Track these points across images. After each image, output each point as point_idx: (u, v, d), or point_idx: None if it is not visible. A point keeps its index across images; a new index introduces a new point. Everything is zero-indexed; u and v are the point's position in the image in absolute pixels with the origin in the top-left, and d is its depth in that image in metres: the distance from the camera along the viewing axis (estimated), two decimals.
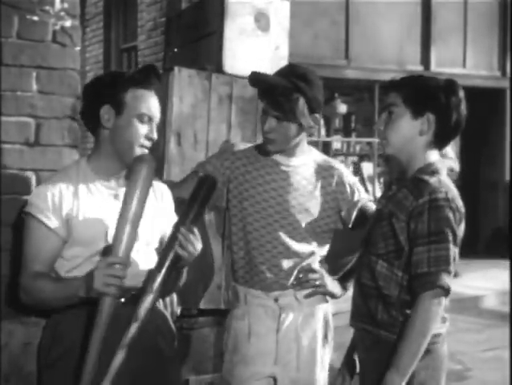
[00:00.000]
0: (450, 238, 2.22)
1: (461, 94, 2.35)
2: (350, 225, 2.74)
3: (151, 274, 2.21)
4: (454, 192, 2.29)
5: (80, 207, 2.28)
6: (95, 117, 2.32)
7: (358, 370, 2.50)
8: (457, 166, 8.29)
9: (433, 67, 9.42)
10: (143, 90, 2.32)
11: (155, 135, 2.34)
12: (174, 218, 2.50)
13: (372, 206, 2.73)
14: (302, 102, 2.54)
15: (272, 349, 2.61)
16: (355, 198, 2.73)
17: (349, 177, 2.76)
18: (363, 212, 2.72)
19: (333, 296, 2.71)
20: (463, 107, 2.35)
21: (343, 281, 2.74)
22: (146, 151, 2.33)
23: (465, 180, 9.22)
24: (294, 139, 2.61)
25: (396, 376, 2.20)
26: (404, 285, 2.28)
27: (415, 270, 2.23)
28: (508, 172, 10.03)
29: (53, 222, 2.26)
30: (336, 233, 2.77)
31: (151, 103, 2.33)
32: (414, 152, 2.35)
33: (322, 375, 2.70)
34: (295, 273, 2.63)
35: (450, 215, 2.23)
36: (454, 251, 2.24)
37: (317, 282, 2.64)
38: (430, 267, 2.20)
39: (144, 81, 2.33)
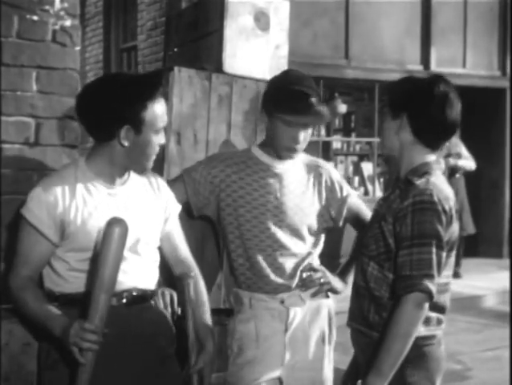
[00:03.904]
0: (433, 242, 2.20)
1: (438, 93, 2.31)
2: (340, 223, 2.78)
3: None
4: (445, 193, 2.27)
5: (77, 211, 2.26)
6: (110, 133, 2.25)
7: None
8: (472, 164, 8.34)
9: (433, 67, 9.41)
10: (158, 100, 2.28)
11: (164, 140, 2.36)
12: (175, 208, 2.51)
13: (360, 202, 2.81)
14: (321, 103, 2.60)
15: (280, 350, 2.62)
16: (344, 195, 2.77)
17: (336, 175, 2.81)
18: (351, 209, 2.78)
19: (336, 292, 2.73)
20: (441, 106, 2.31)
21: (342, 276, 2.77)
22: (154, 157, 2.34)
23: (465, 180, 9.21)
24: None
25: (377, 379, 2.19)
26: None
27: (398, 273, 2.23)
28: (508, 171, 10.02)
29: (46, 228, 2.25)
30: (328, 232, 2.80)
31: (164, 113, 2.31)
32: (401, 152, 2.38)
33: (329, 371, 2.74)
34: (298, 273, 2.65)
35: (434, 218, 2.20)
36: (439, 255, 2.21)
37: (321, 281, 2.66)
38: (412, 270, 2.19)
39: (157, 92, 2.29)
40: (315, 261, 2.73)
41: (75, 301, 2.25)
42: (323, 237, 2.77)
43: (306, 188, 2.71)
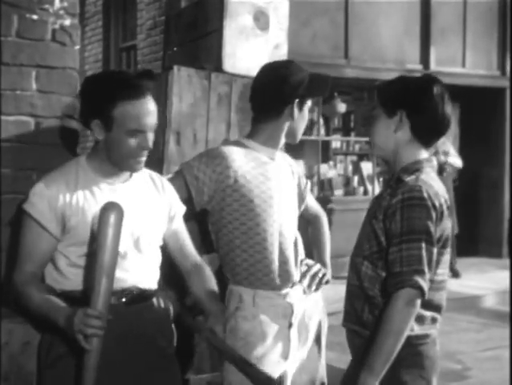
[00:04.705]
0: (423, 238, 2.19)
1: (436, 89, 2.33)
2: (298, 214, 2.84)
3: None
4: (435, 190, 2.27)
5: (78, 205, 2.27)
6: (89, 127, 2.30)
7: None
8: (459, 162, 8.38)
9: (433, 67, 9.41)
10: (133, 101, 2.21)
11: (149, 144, 2.27)
12: (180, 208, 2.50)
13: (310, 195, 2.92)
14: None
15: (285, 346, 2.63)
16: (306, 186, 2.86)
17: (297, 164, 2.89)
18: (307, 202, 2.88)
19: (328, 281, 2.78)
20: (438, 102, 2.33)
21: (323, 265, 2.80)
22: (141, 160, 2.29)
23: (465, 179, 9.21)
24: None
25: (369, 376, 2.18)
26: None
27: (389, 270, 2.22)
28: (508, 171, 10.02)
29: (48, 222, 2.26)
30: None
31: (142, 115, 2.22)
32: (397, 151, 2.37)
33: (324, 362, 2.80)
34: (299, 266, 2.67)
35: (424, 214, 2.20)
36: (430, 250, 2.20)
37: (319, 275, 2.69)
38: (402, 266, 2.18)
39: (134, 93, 2.21)
40: (303, 251, 2.76)
41: (76, 298, 2.25)
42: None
43: (290, 174, 2.77)
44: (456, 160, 8.40)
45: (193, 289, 2.55)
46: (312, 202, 2.97)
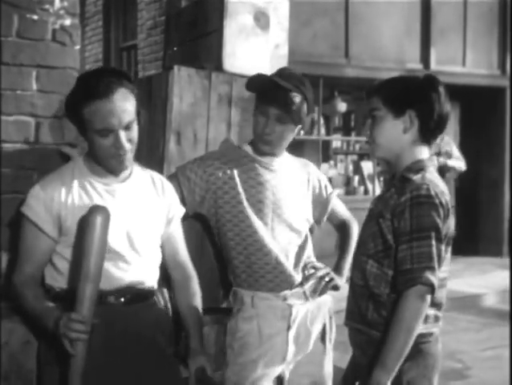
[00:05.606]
0: (433, 235, 2.21)
1: (441, 89, 2.35)
2: (322, 224, 2.87)
3: None
4: (440, 188, 2.29)
5: (75, 207, 2.27)
6: None
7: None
8: (463, 165, 8.35)
9: (433, 66, 9.41)
10: (97, 101, 2.18)
11: (121, 144, 2.23)
12: (179, 210, 2.51)
13: (340, 202, 2.93)
14: (304, 104, 2.60)
15: (283, 348, 2.62)
16: (328, 195, 2.85)
17: (322, 175, 2.89)
18: (332, 210, 2.88)
19: (338, 288, 2.74)
20: (444, 102, 2.35)
21: (338, 272, 2.77)
22: (124, 159, 2.27)
23: (465, 179, 9.20)
24: (289, 141, 2.66)
25: (382, 374, 2.19)
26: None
27: (399, 268, 2.23)
28: (508, 170, 10.02)
29: (45, 224, 2.27)
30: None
31: (108, 114, 2.19)
32: (401, 151, 2.37)
33: (329, 367, 2.76)
34: (300, 269, 2.66)
35: (433, 211, 2.22)
36: (438, 248, 2.23)
37: (326, 279, 2.67)
38: (413, 264, 2.19)
39: (97, 93, 2.18)
40: (312, 256, 2.75)
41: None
42: (310, 235, 2.80)
43: (299, 183, 2.76)
44: (458, 163, 8.31)
45: (177, 300, 2.55)
46: (340, 209, 2.95)
